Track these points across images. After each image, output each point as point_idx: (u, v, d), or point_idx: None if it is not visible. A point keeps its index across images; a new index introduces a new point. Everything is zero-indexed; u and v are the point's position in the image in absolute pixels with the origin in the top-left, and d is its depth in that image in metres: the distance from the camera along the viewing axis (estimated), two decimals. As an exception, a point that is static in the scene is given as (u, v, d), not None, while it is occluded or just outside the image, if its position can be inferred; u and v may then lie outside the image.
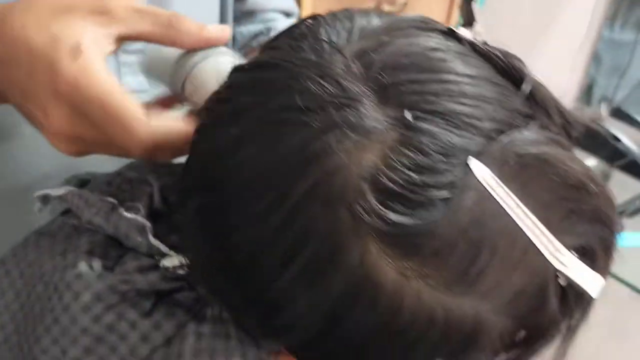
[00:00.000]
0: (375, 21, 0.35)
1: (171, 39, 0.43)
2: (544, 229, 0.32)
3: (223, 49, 0.45)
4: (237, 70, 0.38)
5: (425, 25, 0.36)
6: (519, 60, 0.35)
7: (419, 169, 0.29)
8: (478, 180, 0.30)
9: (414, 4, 1.52)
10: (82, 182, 0.47)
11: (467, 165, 0.30)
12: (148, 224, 0.41)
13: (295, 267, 0.30)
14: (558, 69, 1.45)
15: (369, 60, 0.32)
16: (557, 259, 0.33)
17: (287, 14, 0.81)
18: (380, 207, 0.29)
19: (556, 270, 0.33)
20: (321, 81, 0.31)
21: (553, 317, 0.36)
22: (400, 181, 0.29)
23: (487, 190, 0.30)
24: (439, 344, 0.32)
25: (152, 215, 0.43)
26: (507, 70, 0.34)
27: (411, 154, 0.29)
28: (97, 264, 0.41)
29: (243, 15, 0.78)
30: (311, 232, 0.30)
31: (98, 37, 0.40)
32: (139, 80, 0.57)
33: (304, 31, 0.35)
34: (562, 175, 0.32)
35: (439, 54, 0.33)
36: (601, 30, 1.46)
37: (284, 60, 0.33)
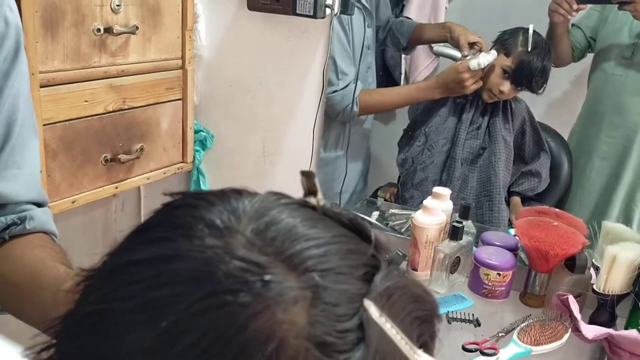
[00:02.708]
0: (247, 202, 0.40)
1: None
2: (409, 342, 0.39)
3: None
4: (122, 269, 0.38)
5: (285, 200, 0.43)
6: (355, 214, 0.45)
7: (338, 317, 0.35)
8: (372, 317, 0.37)
9: (151, 150, 1.62)
10: None
11: (364, 306, 0.36)
12: None
13: None
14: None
15: (266, 237, 0.37)
16: None
17: (39, 204, 0.82)
18: (327, 358, 0.34)
19: None
20: (237, 262, 0.35)
21: None
22: (331, 332, 0.34)
23: (378, 323, 0.37)
24: None
25: None
26: (352, 226, 0.43)
27: (328, 307, 0.35)
28: None
29: None
30: None
31: None
32: None
33: (187, 220, 0.38)
34: (409, 295, 0.41)
35: (310, 223, 0.40)
36: (319, 151, 1.73)
37: (189, 250, 0.36)
